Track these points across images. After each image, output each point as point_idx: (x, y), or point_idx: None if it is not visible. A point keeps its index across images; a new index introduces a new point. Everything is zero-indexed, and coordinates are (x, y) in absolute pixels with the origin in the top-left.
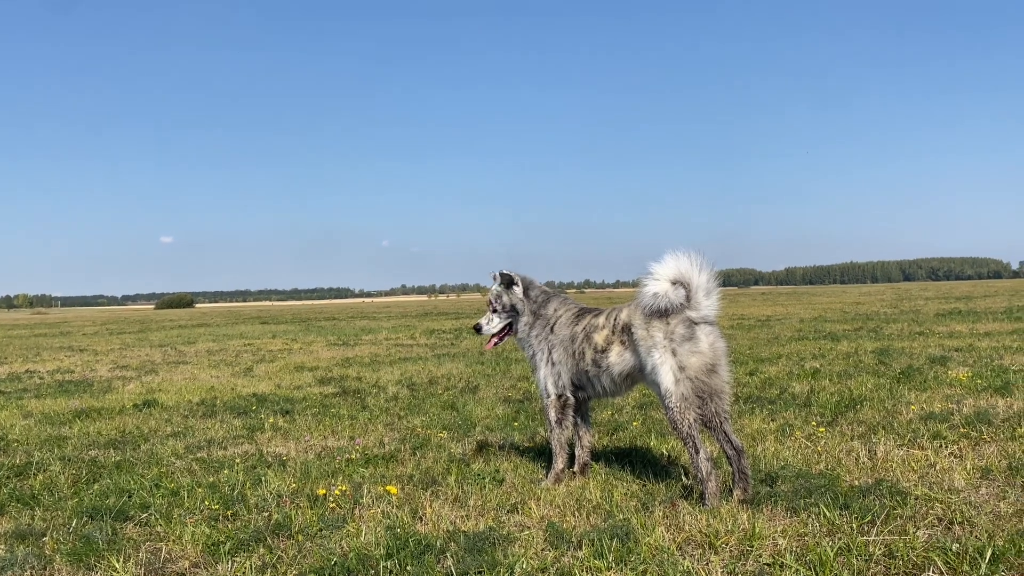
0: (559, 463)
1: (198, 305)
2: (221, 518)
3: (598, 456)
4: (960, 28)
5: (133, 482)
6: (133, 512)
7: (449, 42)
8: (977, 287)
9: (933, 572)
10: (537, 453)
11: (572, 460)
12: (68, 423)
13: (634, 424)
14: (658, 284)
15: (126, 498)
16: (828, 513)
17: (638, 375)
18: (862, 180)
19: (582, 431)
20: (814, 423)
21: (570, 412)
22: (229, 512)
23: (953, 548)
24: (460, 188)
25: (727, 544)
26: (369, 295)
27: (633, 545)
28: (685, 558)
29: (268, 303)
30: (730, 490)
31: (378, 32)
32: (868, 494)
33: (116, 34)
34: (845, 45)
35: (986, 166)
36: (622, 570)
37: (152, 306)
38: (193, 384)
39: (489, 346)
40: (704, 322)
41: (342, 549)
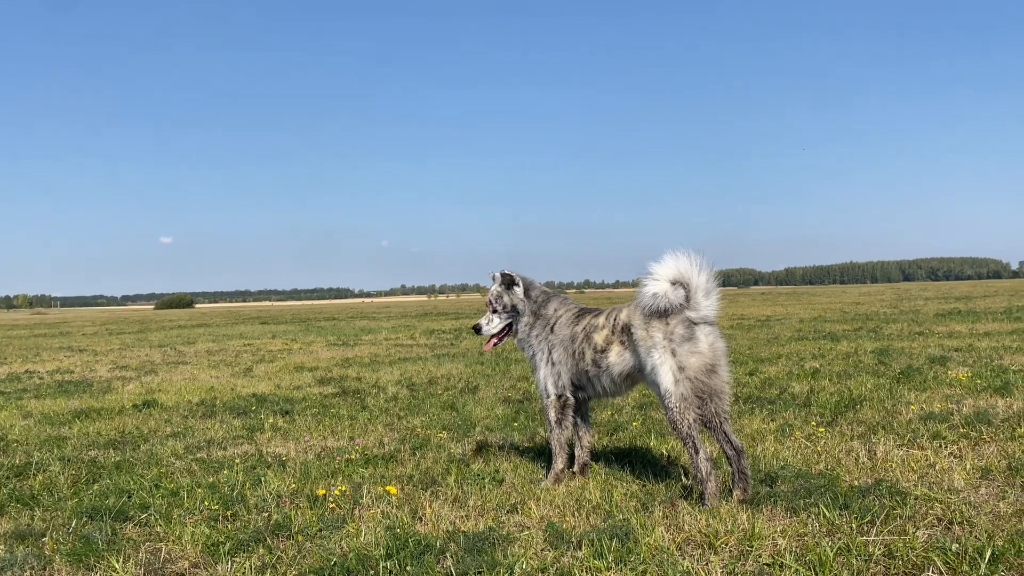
0: (559, 463)
1: (198, 305)
2: (221, 518)
3: (598, 456)
4: (960, 28)
5: (133, 482)
6: (133, 512)
7: (449, 42)
8: (977, 287)
9: (933, 572)
10: (537, 453)
11: (572, 460)
12: (68, 423)
13: (634, 424)
14: (658, 284)
15: (126, 498)
16: (828, 513)
17: (638, 375)
18: (862, 180)
19: (582, 431)
20: (814, 423)
21: (570, 412)
22: (229, 512)
23: (953, 548)
24: (460, 188)
25: (727, 544)
26: (369, 295)
27: (633, 545)
28: (685, 558)
29: (268, 303)
30: (730, 490)
31: (378, 32)
32: (868, 494)
33: (116, 34)
34: (845, 45)
35: (986, 166)
36: (622, 570)
37: (152, 306)
38: (193, 384)
39: (488, 347)
40: (704, 322)
41: (342, 549)
